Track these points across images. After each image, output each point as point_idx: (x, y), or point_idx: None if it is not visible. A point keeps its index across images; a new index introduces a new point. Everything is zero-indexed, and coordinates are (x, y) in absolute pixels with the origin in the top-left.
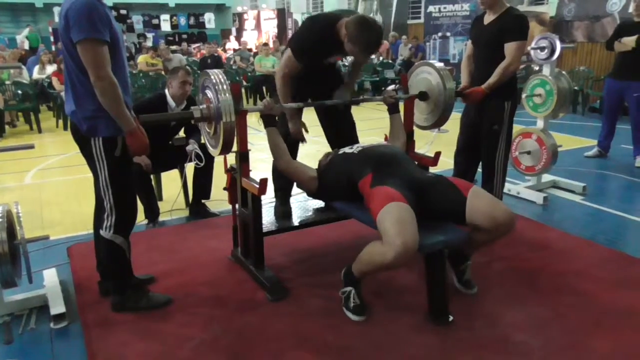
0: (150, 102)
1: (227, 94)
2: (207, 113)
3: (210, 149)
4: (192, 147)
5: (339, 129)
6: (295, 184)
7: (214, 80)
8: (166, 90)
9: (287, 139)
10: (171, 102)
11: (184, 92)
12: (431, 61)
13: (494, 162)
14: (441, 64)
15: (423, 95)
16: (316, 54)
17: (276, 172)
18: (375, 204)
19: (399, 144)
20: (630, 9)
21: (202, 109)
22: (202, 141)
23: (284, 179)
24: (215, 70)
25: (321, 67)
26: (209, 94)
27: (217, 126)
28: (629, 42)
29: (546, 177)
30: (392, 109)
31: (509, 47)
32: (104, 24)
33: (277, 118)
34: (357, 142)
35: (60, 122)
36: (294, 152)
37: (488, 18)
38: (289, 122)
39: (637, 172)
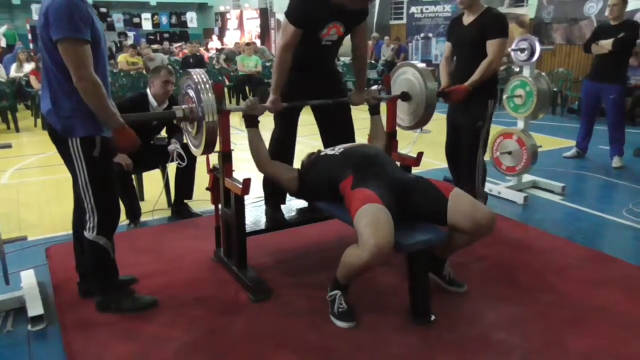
0: (132, 101)
1: (209, 94)
2: (189, 113)
3: (193, 149)
4: (174, 146)
5: (337, 130)
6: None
7: (196, 80)
8: (148, 90)
9: (279, 141)
10: (153, 101)
11: (166, 92)
12: (413, 62)
13: (475, 160)
14: (423, 65)
15: (405, 96)
16: (312, 15)
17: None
18: (353, 206)
19: (380, 145)
20: (607, 13)
21: (184, 109)
22: (185, 141)
23: (276, 186)
24: (198, 70)
25: (320, 54)
26: (191, 93)
27: (199, 126)
28: (605, 45)
29: (526, 177)
30: (373, 111)
31: (491, 45)
32: (86, 23)
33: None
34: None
35: (39, 121)
36: (290, 155)
37: (467, 19)
38: (271, 95)
39: (614, 173)
